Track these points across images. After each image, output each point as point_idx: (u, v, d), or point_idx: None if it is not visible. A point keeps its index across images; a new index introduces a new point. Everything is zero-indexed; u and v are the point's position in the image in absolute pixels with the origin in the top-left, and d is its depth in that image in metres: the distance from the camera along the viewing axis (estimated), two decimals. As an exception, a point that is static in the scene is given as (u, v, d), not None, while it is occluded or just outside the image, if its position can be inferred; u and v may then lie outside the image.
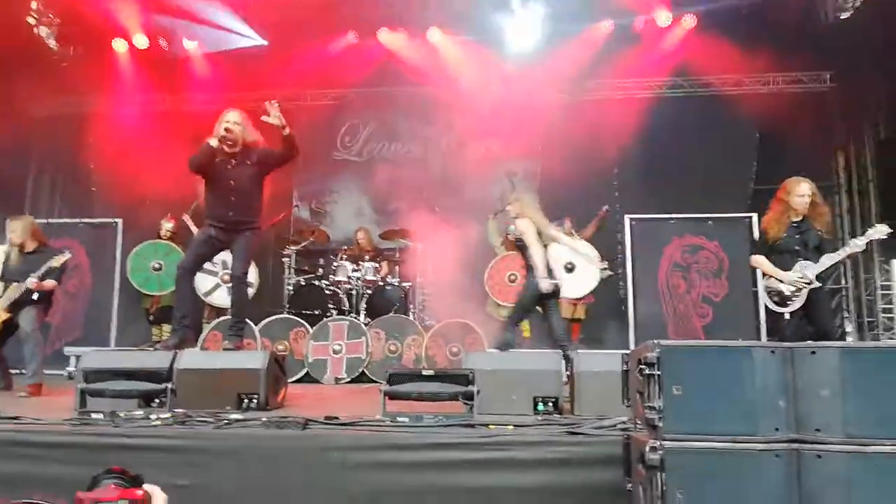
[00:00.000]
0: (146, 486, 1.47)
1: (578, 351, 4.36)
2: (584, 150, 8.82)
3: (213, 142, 4.61)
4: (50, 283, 5.11)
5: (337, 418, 3.40)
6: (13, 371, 5.44)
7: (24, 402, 4.55)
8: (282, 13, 10.08)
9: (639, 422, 2.62)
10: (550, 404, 3.73)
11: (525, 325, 7.51)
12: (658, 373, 2.28)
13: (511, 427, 3.20)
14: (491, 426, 3.21)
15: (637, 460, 2.42)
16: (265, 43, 10.28)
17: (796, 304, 4.78)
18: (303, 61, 10.03)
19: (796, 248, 4.83)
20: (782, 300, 4.83)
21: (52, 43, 11.11)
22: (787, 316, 4.81)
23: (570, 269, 7.22)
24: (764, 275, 5.06)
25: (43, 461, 3.08)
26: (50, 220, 8.15)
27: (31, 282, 5.00)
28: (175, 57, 10.17)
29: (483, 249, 8.33)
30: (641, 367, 2.35)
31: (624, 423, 3.15)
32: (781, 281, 4.81)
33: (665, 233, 7.37)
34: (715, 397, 2.28)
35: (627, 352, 2.90)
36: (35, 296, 5.12)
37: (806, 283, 4.73)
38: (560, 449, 2.97)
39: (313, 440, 3.12)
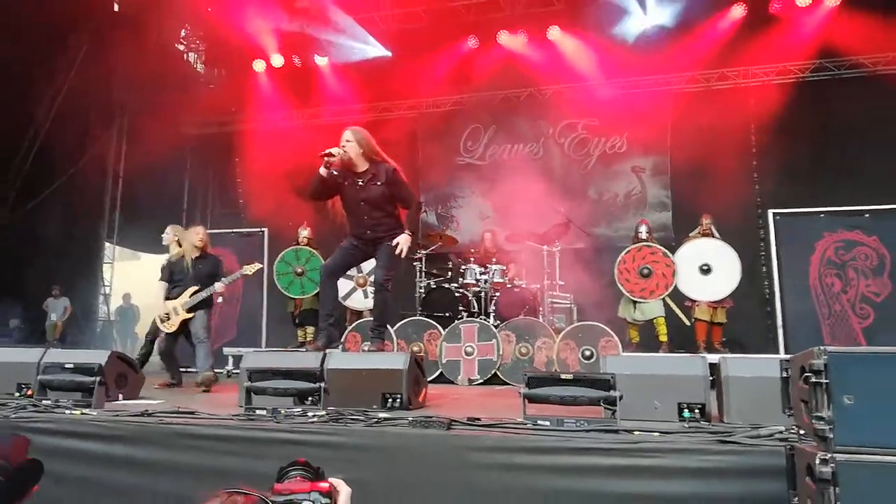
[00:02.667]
0: (331, 479, 1.57)
1: (726, 356, 4.15)
2: (717, 141, 8.42)
3: (323, 171, 4.57)
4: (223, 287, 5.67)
5: (479, 419, 3.47)
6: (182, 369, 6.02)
7: (196, 398, 5.01)
8: (404, 23, 10.47)
9: (803, 432, 2.48)
10: (697, 411, 3.59)
11: (633, 333, 7.30)
12: (826, 381, 2.15)
13: (657, 434, 3.11)
14: (635, 432, 3.14)
15: (804, 473, 2.29)
16: (389, 53, 10.69)
17: None
18: (425, 69, 10.33)
19: None
20: None
21: (199, 67, 12.23)
22: None
23: (706, 270, 6.89)
24: None
25: (214, 453, 3.38)
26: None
27: (220, 286, 5.57)
28: (307, 72, 10.82)
29: (610, 249, 8.14)
30: (806, 374, 2.22)
31: (781, 432, 2.97)
32: None
33: (815, 228, 6.83)
34: (892, 408, 2.11)
35: (785, 356, 2.73)
36: (220, 299, 5.69)
37: None
38: (711, 458, 2.85)
39: (457, 440, 3.19)
